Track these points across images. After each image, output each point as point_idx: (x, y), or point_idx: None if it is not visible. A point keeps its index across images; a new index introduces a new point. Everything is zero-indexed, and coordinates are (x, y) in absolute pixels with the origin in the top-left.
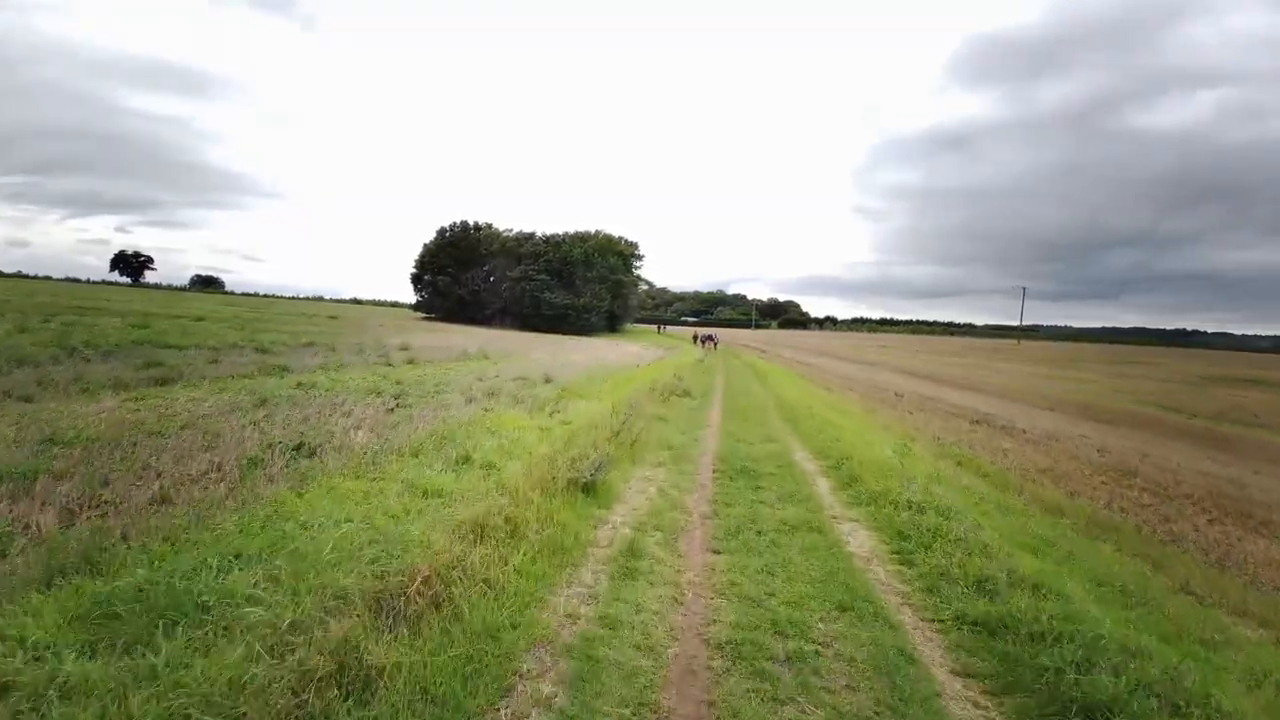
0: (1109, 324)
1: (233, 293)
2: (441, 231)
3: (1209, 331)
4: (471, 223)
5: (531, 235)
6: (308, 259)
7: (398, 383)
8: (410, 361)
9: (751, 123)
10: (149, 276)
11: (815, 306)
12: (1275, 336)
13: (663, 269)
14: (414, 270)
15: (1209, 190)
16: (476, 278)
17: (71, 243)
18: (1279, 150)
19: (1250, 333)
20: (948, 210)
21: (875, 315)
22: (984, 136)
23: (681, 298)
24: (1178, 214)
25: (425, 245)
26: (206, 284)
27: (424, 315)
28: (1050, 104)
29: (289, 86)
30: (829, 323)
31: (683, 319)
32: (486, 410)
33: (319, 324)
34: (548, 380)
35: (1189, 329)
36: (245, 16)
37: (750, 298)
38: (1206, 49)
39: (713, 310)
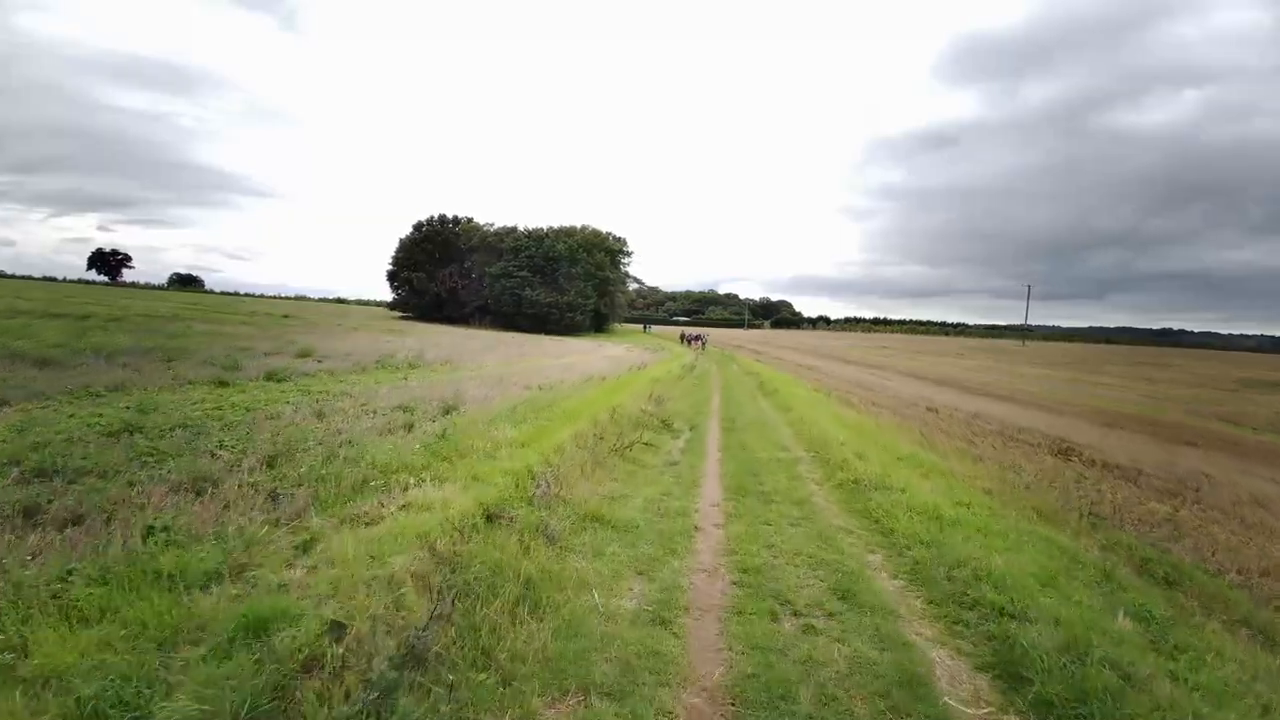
0: (1095, 323)
1: (211, 291)
2: (418, 226)
3: (1195, 331)
4: (450, 216)
5: (513, 229)
6: (299, 258)
7: (131, 429)
8: (271, 376)
9: (741, 122)
10: (127, 275)
11: (806, 306)
12: (1261, 336)
13: (654, 268)
14: (390, 267)
15: (1195, 190)
16: (455, 274)
17: (55, 242)
18: (1266, 149)
19: (1237, 332)
20: (933, 210)
21: (864, 314)
22: (970, 136)
23: (673, 297)
24: (1163, 213)
25: (401, 240)
26: (186, 283)
27: (401, 314)
28: (1035, 103)
29: (273, 82)
30: (822, 322)
31: (674, 318)
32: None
33: (259, 323)
34: (447, 411)
35: (1175, 328)
36: (226, 14)
37: (742, 297)
38: (1192, 46)
39: (704, 310)
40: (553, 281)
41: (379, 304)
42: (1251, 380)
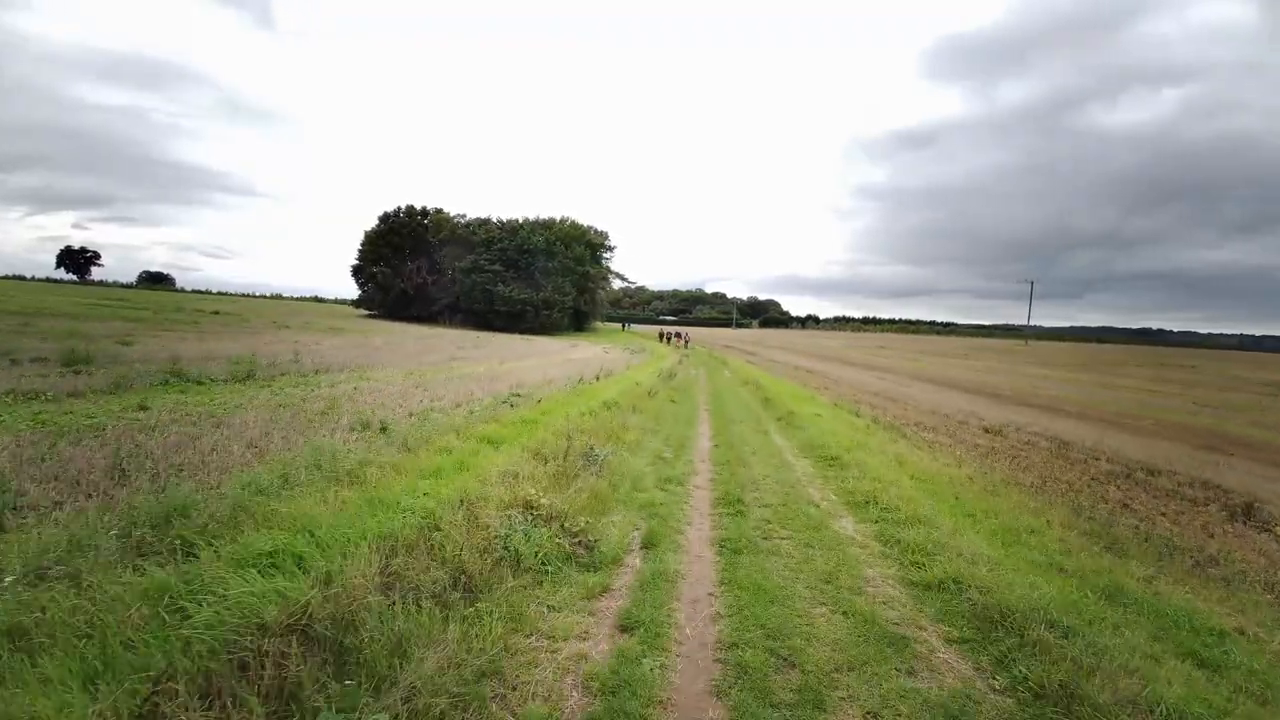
0: (1076, 323)
1: (182, 289)
2: (384, 218)
3: (1174, 330)
4: (419, 208)
5: (486, 221)
6: (282, 256)
7: None
8: None
9: (730, 122)
10: (97, 273)
11: (793, 305)
12: (1242, 335)
13: (641, 267)
14: (355, 262)
15: (1173, 189)
16: (423, 269)
17: (30, 240)
18: (1245, 147)
19: (1215, 331)
20: (919, 209)
21: (850, 313)
22: (953, 136)
23: (660, 296)
24: (1142, 213)
25: (366, 233)
26: (156, 280)
27: (366, 312)
28: (1016, 102)
29: (251, 78)
30: (811, 321)
31: (661, 318)
32: None
33: (159, 321)
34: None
35: (1154, 328)
36: (203, 9)
37: (730, 296)
38: (1170, 44)
39: (692, 309)
40: (528, 277)
41: (351, 302)
42: (1274, 383)
